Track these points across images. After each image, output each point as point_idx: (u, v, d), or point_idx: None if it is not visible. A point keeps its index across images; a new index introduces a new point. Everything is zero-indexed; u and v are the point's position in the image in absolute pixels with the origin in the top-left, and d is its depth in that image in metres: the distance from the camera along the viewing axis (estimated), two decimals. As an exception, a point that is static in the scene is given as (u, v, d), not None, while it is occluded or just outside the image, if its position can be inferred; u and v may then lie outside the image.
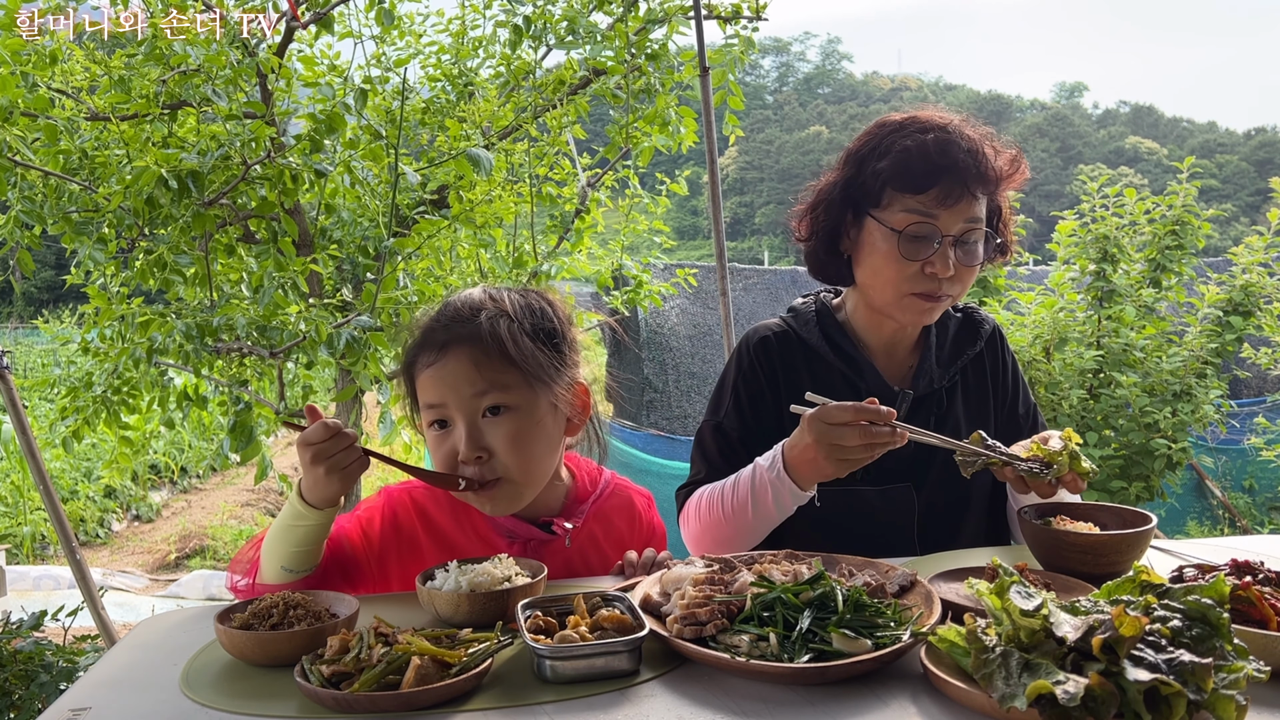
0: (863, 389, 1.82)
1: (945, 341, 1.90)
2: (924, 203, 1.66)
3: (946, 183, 1.65)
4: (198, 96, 2.91)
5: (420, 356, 1.53)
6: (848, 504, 1.78)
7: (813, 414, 1.52)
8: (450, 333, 1.51)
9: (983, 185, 1.69)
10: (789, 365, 1.87)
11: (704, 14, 3.37)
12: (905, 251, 1.68)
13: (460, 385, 1.48)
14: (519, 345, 1.49)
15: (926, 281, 1.69)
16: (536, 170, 3.52)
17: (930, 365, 1.86)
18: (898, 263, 1.69)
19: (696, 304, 8.66)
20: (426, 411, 1.54)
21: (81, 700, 1.11)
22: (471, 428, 1.48)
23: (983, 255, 1.74)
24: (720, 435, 1.84)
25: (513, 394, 1.49)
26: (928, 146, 1.66)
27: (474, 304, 1.54)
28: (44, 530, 7.71)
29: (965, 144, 1.66)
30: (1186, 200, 4.91)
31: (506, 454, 1.48)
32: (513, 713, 1.05)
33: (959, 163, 1.64)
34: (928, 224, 1.66)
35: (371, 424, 3.56)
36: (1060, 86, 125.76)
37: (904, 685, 1.08)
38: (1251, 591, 1.12)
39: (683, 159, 4.25)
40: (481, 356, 1.48)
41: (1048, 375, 4.67)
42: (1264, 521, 6.91)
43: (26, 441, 3.12)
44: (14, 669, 2.77)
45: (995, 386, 1.93)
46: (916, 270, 1.69)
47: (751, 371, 1.86)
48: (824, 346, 1.85)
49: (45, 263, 22.04)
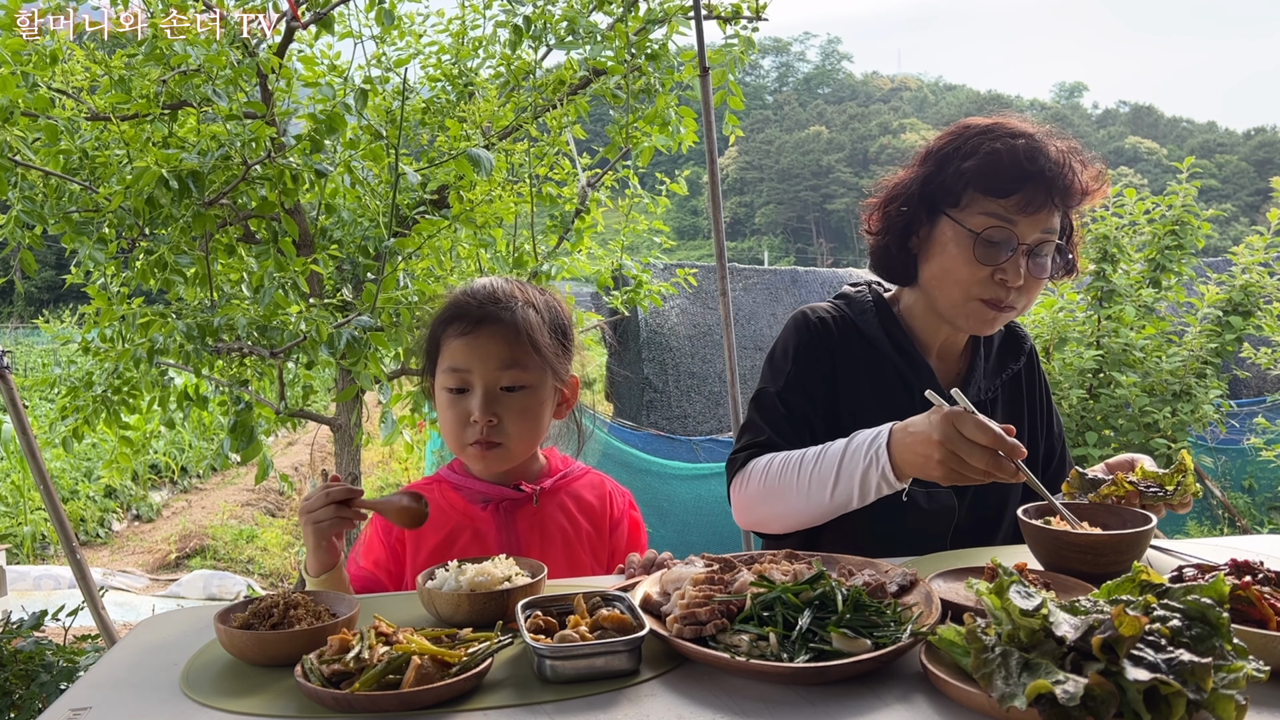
0: (916, 388, 1.76)
1: (990, 353, 1.88)
2: (1005, 208, 1.64)
3: (1030, 190, 1.62)
4: (198, 96, 2.91)
5: (453, 325, 1.71)
6: (893, 504, 1.72)
7: (951, 413, 1.43)
8: (485, 311, 1.70)
9: (1065, 197, 1.66)
10: (846, 349, 1.82)
11: (704, 14, 3.37)
12: (980, 255, 1.65)
13: (488, 357, 1.68)
14: (542, 336, 1.71)
15: (995, 288, 1.67)
16: (536, 170, 3.52)
17: (979, 375, 1.84)
18: (970, 265, 1.66)
19: (696, 304, 8.66)
20: (449, 374, 1.70)
21: (81, 700, 1.11)
22: (489, 395, 1.68)
23: (1050, 270, 1.71)
24: (784, 402, 1.78)
25: (529, 374, 1.70)
26: (1017, 151, 1.63)
27: (507, 291, 1.75)
28: (44, 530, 7.71)
29: (1054, 154, 1.64)
30: (1186, 200, 4.91)
31: (512, 423, 1.69)
32: (513, 713, 1.05)
33: (1045, 171, 1.62)
34: (1005, 229, 1.64)
35: (372, 424, 3.57)
36: (1060, 86, 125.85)
37: (904, 685, 1.08)
38: (1251, 591, 1.12)
39: (683, 159, 4.25)
40: (512, 337, 1.69)
41: (1048, 375, 4.68)
42: (1264, 521, 6.90)
43: (27, 441, 3.12)
44: (14, 669, 2.77)
45: (1032, 404, 1.91)
46: (987, 275, 1.66)
47: (813, 345, 1.81)
48: (882, 338, 1.82)
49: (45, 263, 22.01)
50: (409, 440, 3.43)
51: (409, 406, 3.46)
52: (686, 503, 5.66)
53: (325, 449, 8.14)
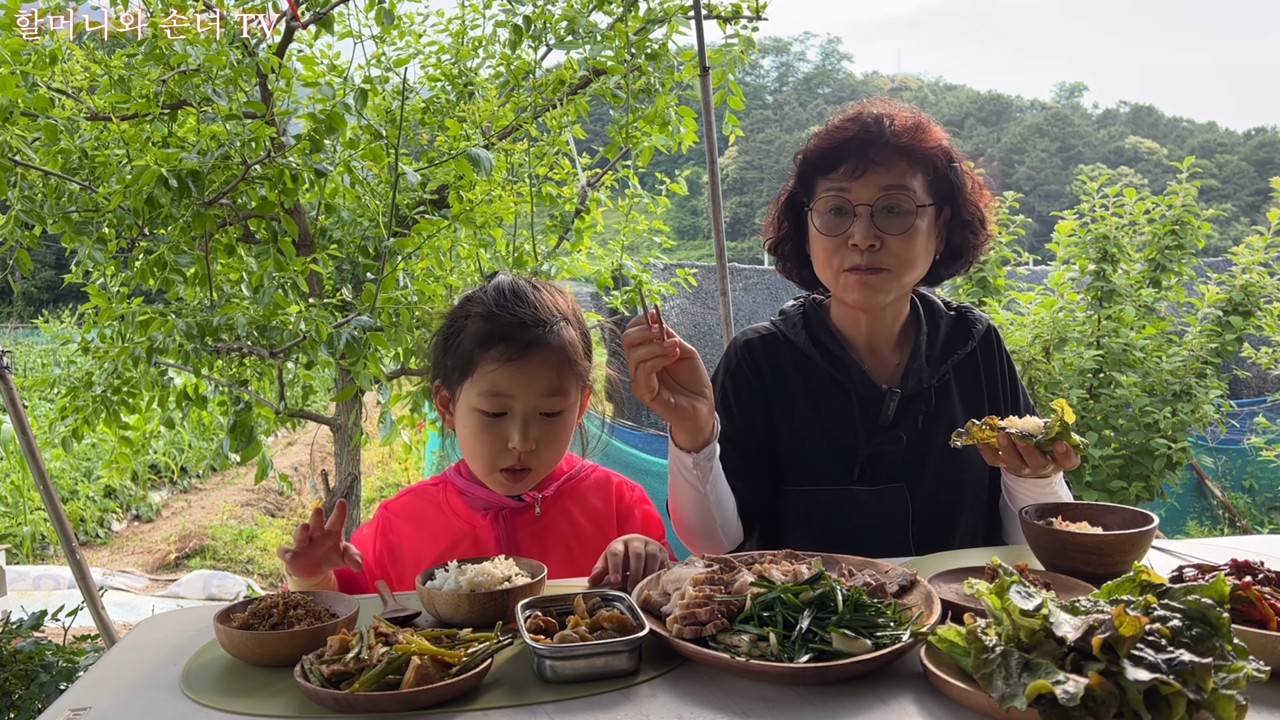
0: (850, 389, 1.84)
1: (937, 340, 1.91)
2: (835, 180, 1.75)
3: (852, 158, 1.73)
4: (198, 96, 2.91)
5: (497, 346, 1.61)
6: (841, 504, 1.78)
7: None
8: (533, 335, 1.62)
9: (884, 151, 1.73)
10: (776, 367, 1.89)
11: (704, 14, 3.37)
12: (824, 227, 1.76)
13: (536, 385, 1.61)
14: (580, 355, 1.66)
15: (852, 255, 1.73)
16: (536, 170, 3.52)
17: (919, 364, 1.86)
18: (823, 241, 1.77)
19: (696, 304, 8.66)
20: (488, 398, 1.61)
21: (81, 700, 1.11)
22: (530, 423, 1.61)
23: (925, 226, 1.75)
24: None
25: (568, 399, 1.65)
26: (834, 129, 1.78)
27: (548, 306, 1.66)
28: (44, 530, 7.71)
29: (867, 119, 1.75)
30: (1186, 200, 4.91)
31: (548, 448, 1.64)
32: (513, 713, 1.05)
33: (856, 136, 1.74)
34: (840, 198, 1.74)
35: (372, 424, 3.57)
36: (1060, 86, 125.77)
37: (904, 685, 1.08)
38: (1251, 591, 1.12)
39: (683, 159, 4.25)
40: (561, 364, 1.62)
41: (1048, 375, 4.67)
42: (1264, 521, 6.90)
43: (26, 441, 3.12)
44: (14, 669, 2.77)
45: (991, 386, 1.94)
46: (841, 245, 1.74)
47: (739, 371, 1.89)
48: (810, 348, 1.88)
49: (45, 263, 22.05)
50: (407, 440, 3.43)
51: (408, 406, 3.46)
52: (686, 503, 5.64)
53: (325, 449, 8.14)
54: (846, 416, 1.83)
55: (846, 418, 1.83)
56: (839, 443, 1.82)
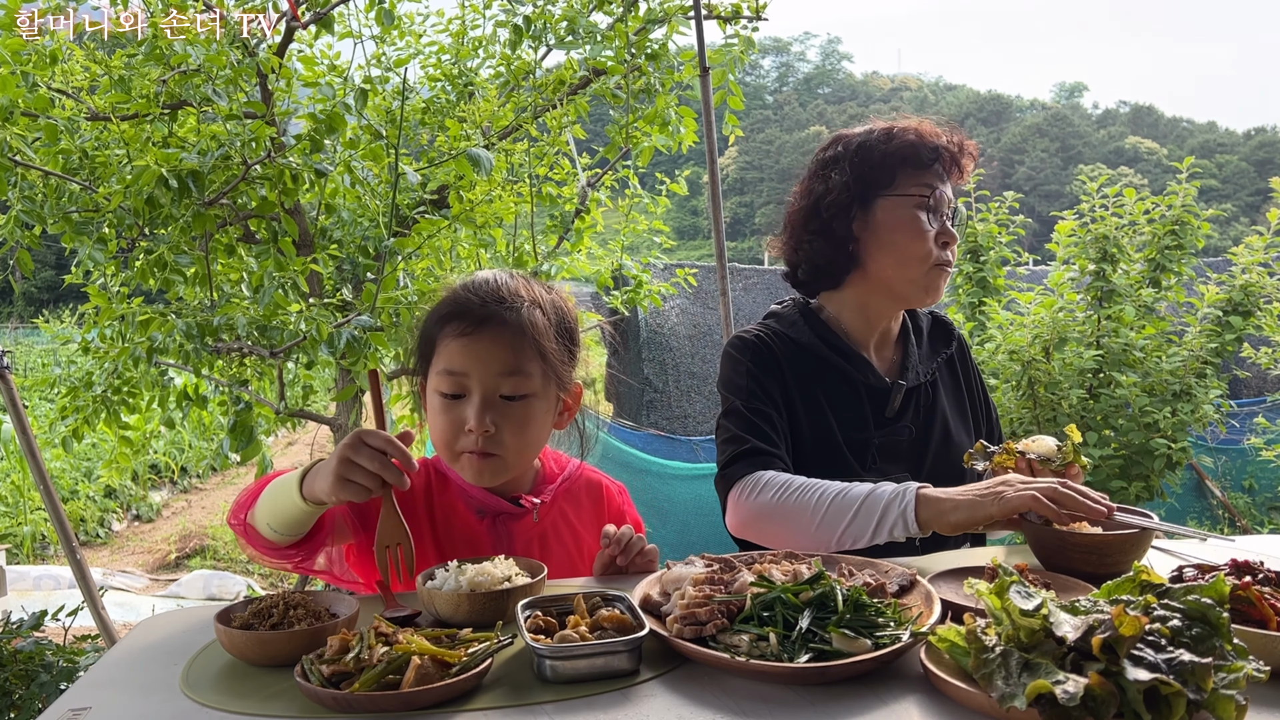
0: (859, 382, 1.89)
1: (922, 339, 2.02)
2: (929, 178, 1.84)
3: (942, 159, 1.86)
4: (198, 96, 2.91)
5: (452, 323, 1.58)
6: None
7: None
8: (488, 310, 1.57)
9: (958, 170, 1.91)
10: (788, 360, 1.90)
11: (704, 14, 3.37)
12: (929, 219, 1.83)
13: (489, 361, 1.55)
14: (548, 340, 1.59)
15: (943, 251, 1.85)
16: (536, 170, 3.52)
17: (915, 360, 1.96)
18: (921, 233, 1.82)
19: (696, 304, 8.66)
20: (444, 377, 1.58)
21: (81, 700, 1.11)
22: (487, 403, 1.55)
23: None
24: (754, 412, 1.83)
25: (531, 383, 1.58)
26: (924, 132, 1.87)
27: (512, 289, 1.62)
28: (44, 530, 7.71)
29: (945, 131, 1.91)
30: (1186, 200, 4.90)
31: (511, 435, 1.57)
32: (513, 713, 1.05)
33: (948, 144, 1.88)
34: (933, 196, 1.84)
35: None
36: (1060, 86, 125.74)
37: (904, 685, 1.08)
38: (1251, 591, 1.12)
39: (683, 159, 4.24)
40: (516, 341, 1.56)
41: (1047, 375, 4.67)
42: (1264, 521, 6.90)
43: (26, 441, 3.12)
44: (14, 669, 2.77)
45: (969, 387, 2.06)
46: (934, 239, 1.83)
47: (760, 360, 1.88)
48: (818, 344, 1.90)
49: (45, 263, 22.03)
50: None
51: (409, 406, 3.46)
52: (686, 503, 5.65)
53: (325, 449, 8.14)
54: (857, 409, 1.88)
55: (857, 410, 1.88)
56: (851, 434, 1.87)
